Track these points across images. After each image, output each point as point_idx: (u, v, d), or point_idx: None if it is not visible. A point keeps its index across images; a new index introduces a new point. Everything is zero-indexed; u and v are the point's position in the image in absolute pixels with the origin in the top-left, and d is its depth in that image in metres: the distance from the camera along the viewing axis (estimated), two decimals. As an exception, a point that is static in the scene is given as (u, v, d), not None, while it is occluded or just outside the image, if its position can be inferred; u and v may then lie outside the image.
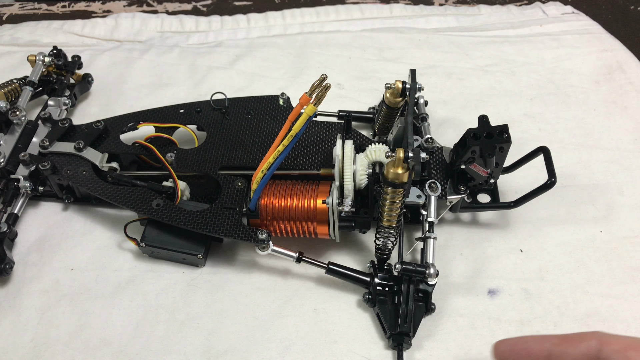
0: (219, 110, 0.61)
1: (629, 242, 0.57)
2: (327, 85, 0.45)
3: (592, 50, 0.78)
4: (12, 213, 0.57)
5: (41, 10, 0.95)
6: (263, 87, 0.75)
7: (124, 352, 0.50)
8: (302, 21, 0.86)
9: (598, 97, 0.72)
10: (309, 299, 0.53)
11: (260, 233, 0.50)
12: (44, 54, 0.68)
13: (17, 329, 0.51)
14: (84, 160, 0.57)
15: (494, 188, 0.58)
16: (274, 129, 0.60)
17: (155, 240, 0.53)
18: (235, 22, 0.86)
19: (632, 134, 0.68)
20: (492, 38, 0.81)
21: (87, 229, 0.59)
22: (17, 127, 0.61)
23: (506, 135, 0.51)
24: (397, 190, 0.46)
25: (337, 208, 0.50)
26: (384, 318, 0.49)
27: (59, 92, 0.68)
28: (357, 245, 0.57)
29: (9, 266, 0.54)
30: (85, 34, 0.83)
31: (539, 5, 0.88)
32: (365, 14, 0.87)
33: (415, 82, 0.55)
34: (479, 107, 0.71)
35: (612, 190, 0.62)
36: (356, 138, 0.59)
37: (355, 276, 0.52)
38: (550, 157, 0.53)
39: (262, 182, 0.50)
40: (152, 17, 0.87)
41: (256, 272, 0.55)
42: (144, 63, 0.78)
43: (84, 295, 0.54)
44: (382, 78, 0.74)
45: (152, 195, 0.54)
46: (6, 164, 0.58)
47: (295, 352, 0.50)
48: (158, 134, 0.60)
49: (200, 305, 0.53)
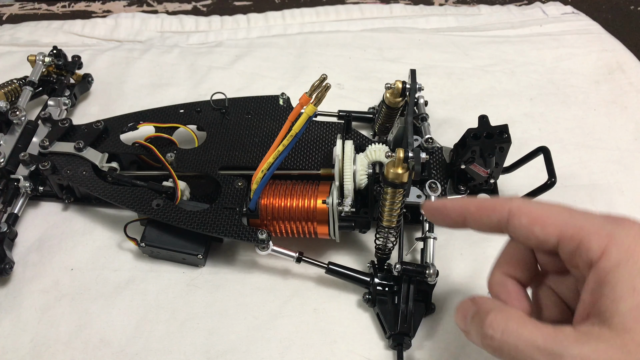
0: (219, 110, 0.61)
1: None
2: (327, 85, 0.45)
3: (592, 50, 0.78)
4: (12, 213, 0.57)
5: (41, 10, 0.95)
6: (263, 87, 0.75)
7: (124, 352, 0.50)
8: (302, 21, 0.86)
9: (598, 97, 0.72)
10: (309, 299, 0.53)
11: (260, 233, 0.50)
12: (44, 54, 0.68)
13: (17, 329, 0.51)
14: (84, 160, 0.57)
15: (494, 188, 0.58)
16: (274, 129, 0.60)
17: (155, 240, 0.53)
18: (235, 22, 0.86)
19: (632, 134, 0.68)
20: (492, 38, 0.81)
21: (87, 229, 0.59)
22: (17, 127, 0.61)
23: (506, 135, 0.51)
24: (397, 190, 0.46)
25: (337, 208, 0.50)
26: (384, 318, 0.49)
27: (59, 92, 0.67)
28: (357, 245, 0.57)
29: (9, 266, 0.54)
30: (85, 34, 0.83)
31: (539, 5, 0.88)
32: (365, 14, 0.87)
33: (415, 82, 0.55)
34: (479, 107, 0.71)
35: (612, 190, 0.62)
36: (356, 138, 0.59)
37: (355, 276, 0.52)
38: (550, 157, 0.53)
39: (262, 182, 0.50)
40: (152, 17, 0.87)
41: (256, 272, 0.55)
42: (144, 63, 0.78)
43: (84, 295, 0.54)
44: (382, 78, 0.74)
45: (152, 195, 0.54)
46: (6, 164, 0.58)
47: (295, 352, 0.50)
48: (158, 134, 0.60)
49: (200, 305, 0.53)
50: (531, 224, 0.32)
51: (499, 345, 0.30)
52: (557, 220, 0.31)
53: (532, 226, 0.32)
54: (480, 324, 0.32)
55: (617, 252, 0.28)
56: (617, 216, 0.31)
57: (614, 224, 0.30)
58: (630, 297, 0.27)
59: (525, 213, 0.32)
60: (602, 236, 0.29)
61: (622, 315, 0.27)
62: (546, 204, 0.33)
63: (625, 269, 0.28)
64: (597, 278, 0.29)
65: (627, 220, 0.30)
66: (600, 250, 0.29)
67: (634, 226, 0.29)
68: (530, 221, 0.32)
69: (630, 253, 0.28)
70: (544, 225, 0.31)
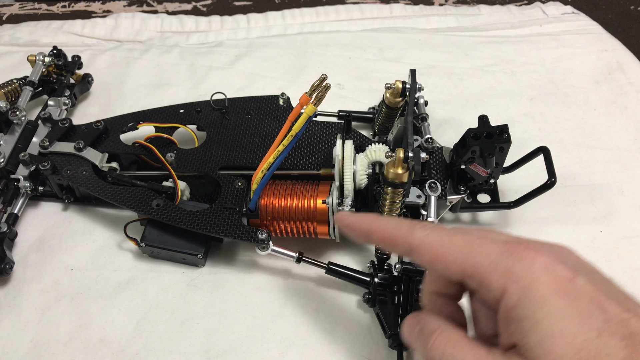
0: (219, 110, 0.61)
1: (629, 242, 0.57)
2: (327, 85, 0.45)
3: (592, 50, 0.78)
4: (12, 213, 0.57)
5: (41, 10, 0.95)
6: (263, 87, 0.75)
7: (124, 352, 0.50)
8: (302, 21, 0.86)
9: (598, 97, 0.72)
10: (309, 299, 0.53)
11: (260, 233, 0.50)
12: (44, 54, 0.68)
13: (17, 329, 0.51)
14: (84, 160, 0.57)
15: (494, 188, 0.58)
16: (274, 129, 0.60)
17: (155, 240, 0.53)
18: (235, 22, 0.86)
19: (632, 134, 0.68)
20: (492, 38, 0.81)
21: (87, 229, 0.59)
22: (17, 127, 0.61)
23: (506, 135, 0.51)
24: (397, 190, 0.46)
25: (337, 208, 0.50)
26: (384, 318, 0.49)
27: (59, 92, 0.67)
28: (357, 245, 0.57)
29: (9, 266, 0.54)
30: (85, 34, 0.83)
31: (539, 5, 0.88)
32: (365, 14, 0.87)
33: (415, 82, 0.55)
34: (479, 107, 0.71)
35: (612, 190, 0.62)
36: (356, 138, 0.59)
37: (355, 276, 0.52)
38: (550, 157, 0.53)
39: (262, 182, 0.50)
40: (152, 17, 0.87)
41: (256, 272, 0.55)
42: (144, 63, 0.78)
43: (84, 295, 0.54)
44: (382, 78, 0.74)
45: (152, 195, 0.54)
46: (6, 164, 0.58)
47: (295, 352, 0.50)
48: (158, 134, 0.60)
49: (200, 305, 0.53)
50: (433, 261, 0.32)
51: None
52: (456, 258, 0.31)
53: (434, 264, 0.32)
54: (424, 345, 0.33)
55: (515, 290, 0.29)
56: (514, 244, 0.30)
57: (510, 258, 0.29)
58: (534, 333, 0.28)
59: (426, 250, 0.32)
60: (499, 275, 0.29)
61: (532, 350, 0.28)
62: (448, 237, 0.32)
63: (525, 305, 0.28)
64: (504, 315, 0.29)
65: (522, 251, 0.30)
66: (500, 289, 0.29)
67: (528, 256, 0.29)
68: (432, 259, 0.32)
69: (527, 288, 0.28)
70: (445, 264, 0.32)
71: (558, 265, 0.29)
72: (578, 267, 0.30)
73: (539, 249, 0.30)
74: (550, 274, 0.28)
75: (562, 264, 0.29)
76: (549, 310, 0.27)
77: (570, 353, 0.27)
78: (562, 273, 0.28)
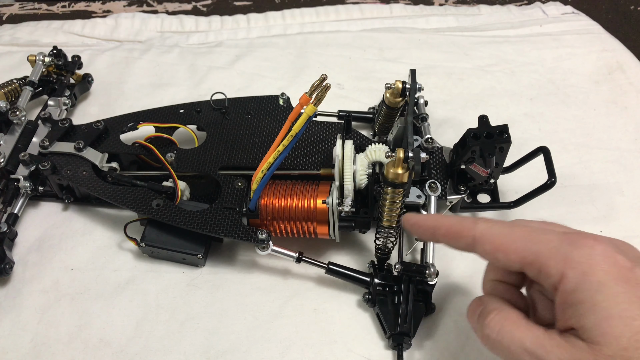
0: (219, 110, 0.61)
1: (629, 242, 0.57)
2: (327, 85, 0.45)
3: (592, 50, 0.78)
4: (12, 213, 0.57)
5: (41, 10, 0.95)
6: (263, 87, 0.74)
7: (124, 352, 0.50)
8: (302, 21, 0.86)
9: (598, 97, 0.72)
10: (309, 299, 0.53)
11: (260, 233, 0.50)
12: (44, 54, 0.68)
13: (17, 329, 0.51)
14: (84, 160, 0.57)
15: (494, 188, 0.58)
16: (274, 129, 0.60)
17: (155, 240, 0.53)
18: (235, 22, 0.86)
19: (632, 134, 0.68)
20: (492, 38, 0.81)
21: (87, 229, 0.59)
22: (17, 127, 0.61)
23: (506, 135, 0.51)
24: (397, 190, 0.46)
25: (337, 208, 0.50)
26: (384, 318, 0.49)
27: (59, 92, 0.67)
28: (357, 245, 0.57)
29: (9, 266, 0.54)
30: (85, 34, 0.83)
31: (539, 5, 0.88)
32: (365, 14, 0.87)
33: (415, 82, 0.55)
34: (479, 107, 0.71)
35: (612, 190, 0.62)
36: (356, 138, 0.59)
37: (355, 276, 0.52)
38: (550, 157, 0.53)
39: (262, 182, 0.50)
40: (152, 17, 0.87)
41: (256, 272, 0.55)
42: (144, 63, 0.78)
43: (84, 295, 0.54)
44: (382, 78, 0.74)
45: (152, 195, 0.54)
46: (6, 164, 0.58)
47: (295, 352, 0.50)
48: (158, 134, 0.60)
49: (200, 305, 0.53)
50: (494, 251, 0.34)
51: (493, 344, 0.33)
52: (517, 247, 0.33)
53: (495, 254, 0.34)
54: (482, 323, 0.34)
55: (573, 275, 0.30)
56: (573, 234, 0.32)
57: (570, 245, 0.31)
58: (592, 315, 0.29)
59: (488, 241, 0.34)
60: (558, 261, 0.31)
61: (589, 331, 0.29)
62: (509, 228, 0.34)
63: (583, 289, 0.29)
64: (562, 300, 0.31)
65: (582, 239, 0.31)
66: (559, 275, 0.31)
67: (587, 244, 0.31)
68: (493, 249, 0.34)
69: (586, 273, 0.30)
70: (506, 253, 0.33)
71: (617, 254, 0.30)
72: (637, 259, 0.31)
73: (598, 238, 0.31)
74: (610, 261, 0.30)
75: (621, 253, 0.30)
76: (608, 294, 0.29)
77: (628, 334, 0.28)
78: (621, 262, 0.30)
